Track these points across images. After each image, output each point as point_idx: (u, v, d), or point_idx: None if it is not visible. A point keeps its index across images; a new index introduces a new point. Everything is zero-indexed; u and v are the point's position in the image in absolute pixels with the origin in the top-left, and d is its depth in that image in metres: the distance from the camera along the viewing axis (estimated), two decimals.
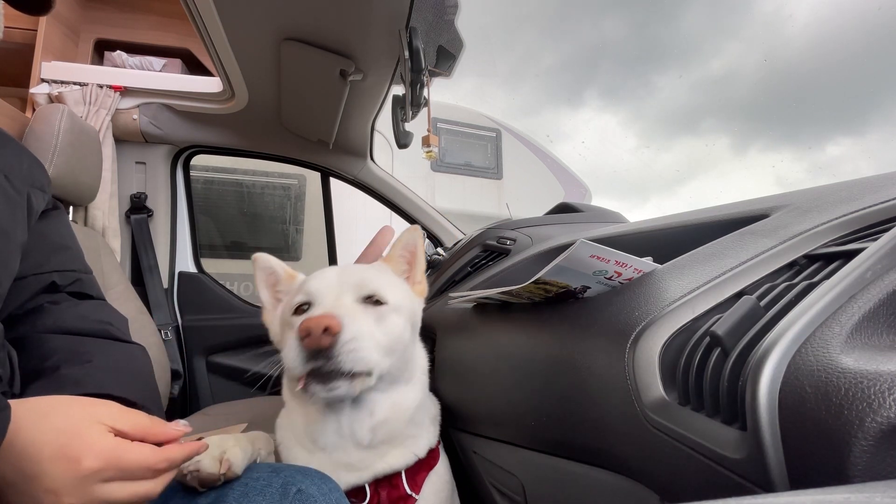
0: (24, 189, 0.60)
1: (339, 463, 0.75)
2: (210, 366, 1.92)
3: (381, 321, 0.73)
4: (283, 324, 0.80)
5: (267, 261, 0.88)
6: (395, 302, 0.76)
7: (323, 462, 0.74)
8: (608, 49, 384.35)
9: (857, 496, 0.19)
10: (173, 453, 0.48)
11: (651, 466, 0.46)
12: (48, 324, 0.59)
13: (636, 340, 0.47)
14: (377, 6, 1.15)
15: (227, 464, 0.56)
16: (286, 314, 0.79)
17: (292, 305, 0.77)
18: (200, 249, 2.06)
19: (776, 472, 0.32)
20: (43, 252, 0.65)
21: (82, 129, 1.43)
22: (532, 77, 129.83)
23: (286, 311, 0.79)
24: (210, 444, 0.57)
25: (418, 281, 0.89)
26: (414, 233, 0.88)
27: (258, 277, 0.88)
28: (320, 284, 0.76)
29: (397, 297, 0.78)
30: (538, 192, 4.87)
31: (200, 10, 1.19)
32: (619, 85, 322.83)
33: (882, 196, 0.49)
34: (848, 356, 0.31)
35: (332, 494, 0.59)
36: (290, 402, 0.83)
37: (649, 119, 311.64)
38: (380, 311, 0.74)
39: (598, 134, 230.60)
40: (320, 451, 0.76)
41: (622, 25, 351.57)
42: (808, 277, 0.42)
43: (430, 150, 1.49)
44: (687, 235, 0.68)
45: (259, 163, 2.50)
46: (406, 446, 0.80)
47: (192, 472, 0.55)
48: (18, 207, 0.58)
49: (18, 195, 0.59)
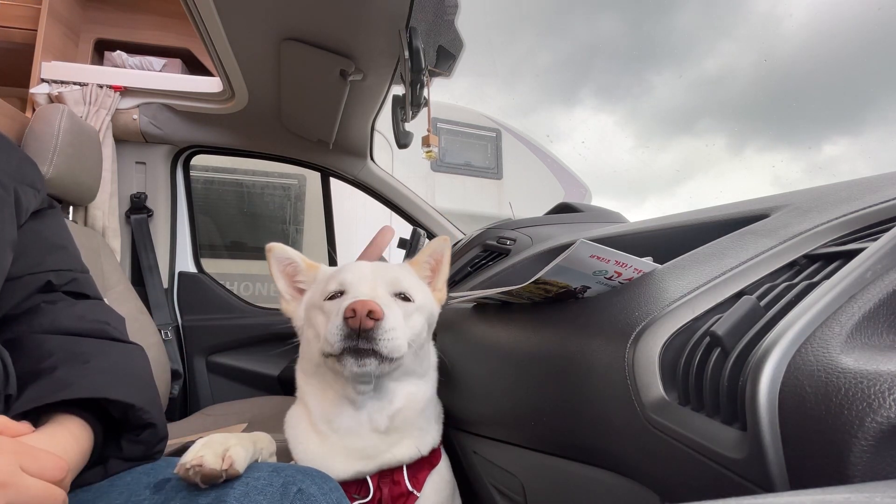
0: (10, 185, 0.60)
1: (351, 448, 0.78)
2: (210, 366, 1.92)
3: (409, 318, 0.80)
4: (311, 310, 0.84)
5: (283, 251, 0.91)
6: (420, 302, 0.83)
7: (335, 447, 0.78)
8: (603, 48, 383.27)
9: (857, 496, 0.19)
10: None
11: (651, 466, 0.46)
12: (45, 324, 0.59)
13: (636, 340, 0.47)
14: (377, 6, 1.15)
15: (230, 460, 0.56)
16: (316, 300, 0.83)
17: (326, 292, 0.81)
18: (200, 249, 2.06)
19: (776, 472, 0.32)
20: (38, 251, 0.64)
21: (82, 129, 1.43)
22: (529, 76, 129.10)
23: (316, 297, 0.84)
24: (213, 441, 0.57)
25: (439, 288, 0.92)
26: (444, 243, 0.92)
27: (273, 267, 0.91)
28: (356, 276, 0.81)
29: (421, 297, 0.84)
30: (538, 192, 4.87)
31: (200, 10, 1.19)
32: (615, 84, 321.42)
33: (882, 196, 0.49)
34: (848, 356, 0.31)
35: (333, 494, 0.59)
36: (304, 387, 0.85)
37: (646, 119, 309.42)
38: (407, 308, 0.80)
39: (595, 133, 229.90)
40: (334, 434, 0.79)
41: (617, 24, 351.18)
42: (808, 277, 0.42)
43: (430, 150, 1.49)
44: (687, 235, 0.68)
45: (259, 163, 2.50)
46: (415, 437, 0.83)
47: (195, 468, 0.54)
48: (5, 205, 0.58)
49: (5, 192, 0.58)
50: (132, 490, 0.55)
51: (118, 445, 0.57)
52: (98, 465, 0.56)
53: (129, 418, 0.56)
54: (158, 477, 0.57)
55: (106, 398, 0.53)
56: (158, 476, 0.57)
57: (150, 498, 0.54)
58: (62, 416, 0.52)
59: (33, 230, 0.64)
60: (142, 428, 0.57)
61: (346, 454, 0.78)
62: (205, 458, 0.55)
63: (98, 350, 0.59)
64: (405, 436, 0.82)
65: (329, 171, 2.05)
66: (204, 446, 0.57)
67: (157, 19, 1.97)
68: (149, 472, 0.58)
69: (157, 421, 0.58)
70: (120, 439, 0.57)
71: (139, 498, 0.54)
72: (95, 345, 0.60)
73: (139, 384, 0.59)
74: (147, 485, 0.56)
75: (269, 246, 0.90)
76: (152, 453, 0.59)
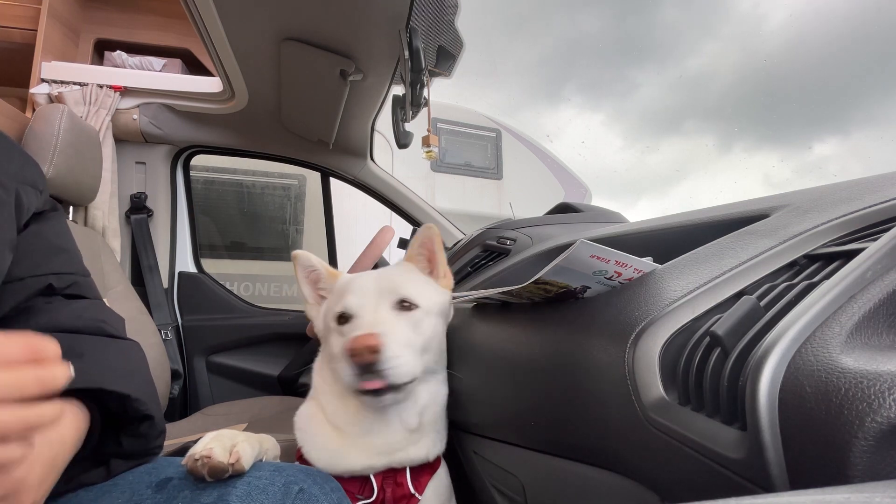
0: (11, 186, 0.60)
1: (372, 444, 0.79)
2: (210, 366, 1.92)
3: (417, 325, 0.80)
4: (327, 325, 0.86)
5: (308, 259, 0.92)
6: (427, 304, 0.82)
7: (355, 443, 0.79)
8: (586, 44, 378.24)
9: (857, 496, 0.19)
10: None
11: (651, 466, 0.46)
12: (41, 322, 0.59)
13: (636, 340, 0.47)
14: (377, 6, 1.15)
15: (237, 455, 0.57)
16: (329, 318, 0.84)
17: (335, 313, 0.82)
18: (200, 249, 2.06)
19: (776, 472, 0.32)
20: (40, 254, 0.64)
21: (82, 129, 1.43)
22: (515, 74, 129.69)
23: (329, 315, 0.85)
24: (222, 435, 0.59)
25: (442, 275, 0.91)
26: (428, 230, 0.91)
27: (299, 274, 0.92)
28: (358, 298, 0.81)
29: (427, 298, 0.83)
30: (538, 192, 4.87)
31: (200, 10, 1.19)
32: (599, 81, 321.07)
33: (882, 196, 0.49)
34: (848, 356, 0.31)
35: (334, 494, 0.59)
36: (323, 387, 0.86)
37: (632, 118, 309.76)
38: (414, 316, 0.80)
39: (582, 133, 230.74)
40: (356, 432, 0.80)
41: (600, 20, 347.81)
42: (808, 277, 0.42)
43: (430, 150, 1.49)
44: (687, 235, 0.68)
45: (259, 163, 2.50)
46: (432, 437, 0.84)
47: (204, 458, 0.55)
48: (4, 205, 0.58)
49: (6, 193, 0.58)
50: (134, 489, 0.55)
51: (118, 442, 0.57)
52: (100, 466, 0.56)
53: (127, 410, 0.55)
54: (161, 476, 0.57)
55: (101, 388, 0.53)
56: (161, 475, 0.57)
57: (153, 497, 0.54)
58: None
59: (36, 232, 0.64)
60: (139, 420, 0.57)
61: (365, 449, 0.79)
62: (214, 451, 0.56)
63: (94, 345, 0.59)
64: (425, 434, 0.83)
65: (329, 171, 2.05)
66: (213, 439, 0.58)
67: (157, 19, 1.97)
68: (150, 472, 0.58)
69: (154, 413, 0.58)
70: (119, 437, 0.57)
71: (141, 497, 0.54)
72: (92, 341, 0.60)
73: (136, 377, 0.59)
74: (149, 484, 0.56)
75: (295, 253, 0.92)
76: (151, 447, 0.59)
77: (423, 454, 0.82)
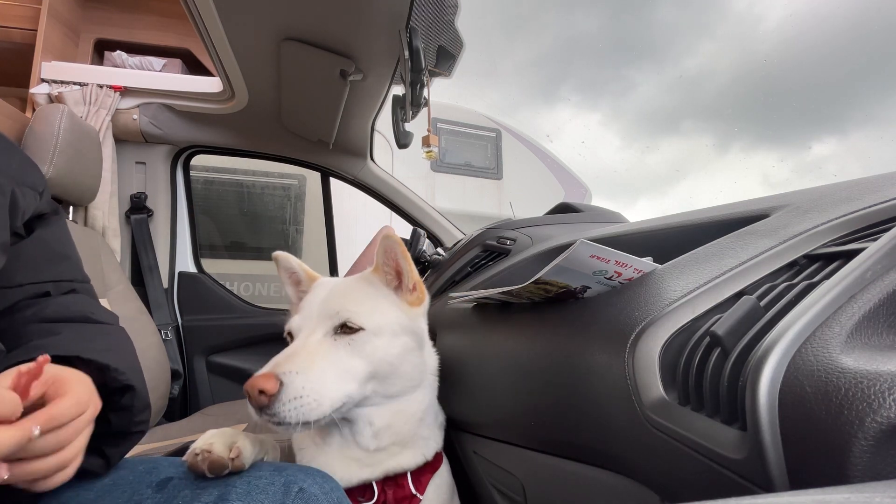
0: (7, 187, 0.60)
1: (350, 458, 0.78)
2: (210, 366, 1.92)
3: (360, 350, 0.74)
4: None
5: (287, 260, 0.91)
6: (374, 326, 0.75)
7: (334, 456, 0.78)
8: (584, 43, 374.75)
9: (857, 496, 0.19)
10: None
11: (651, 466, 0.46)
12: (27, 315, 0.59)
13: (636, 340, 0.47)
14: (377, 6, 1.15)
15: (238, 451, 0.58)
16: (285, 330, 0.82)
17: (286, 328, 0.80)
18: (200, 249, 2.06)
19: (776, 472, 0.32)
20: (42, 261, 0.64)
21: (82, 129, 1.43)
22: (513, 74, 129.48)
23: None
24: (223, 432, 0.59)
25: (410, 289, 0.83)
26: (387, 239, 0.80)
27: (281, 275, 0.91)
28: (301, 320, 0.77)
29: (377, 319, 0.76)
30: (538, 191, 4.87)
31: (200, 10, 1.19)
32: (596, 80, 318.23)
33: (882, 196, 0.49)
34: (848, 356, 0.31)
35: (334, 493, 0.59)
36: None
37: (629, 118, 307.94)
38: (356, 340, 0.74)
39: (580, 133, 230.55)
40: (329, 447, 0.79)
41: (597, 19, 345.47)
42: (808, 277, 0.42)
43: (430, 150, 1.49)
44: (687, 235, 0.68)
45: (259, 163, 2.50)
46: (417, 447, 0.82)
47: (204, 453, 0.56)
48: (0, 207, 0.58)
49: (1, 195, 0.59)
50: (135, 489, 0.55)
51: (106, 420, 0.56)
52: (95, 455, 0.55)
53: (107, 382, 0.55)
54: (161, 476, 0.57)
55: (78, 357, 0.52)
56: (161, 475, 0.57)
57: (153, 496, 0.54)
58: None
59: (39, 238, 0.65)
60: (121, 392, 0.56)
61: (348, 462, 0.78)
62: (214, 445, 0.56)
63: (73, 327, 0.59)
64: (407, 447, 0.81)
65: (329, 171, 2.05)
66: (214, 435, 0.59)
67: (157, 19, 1.98)
68: (151, 472, 0.58)
69: (135, 384, 0.56)
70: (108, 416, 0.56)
71: (141, 497, 0.54)
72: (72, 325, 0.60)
73: (117, 352, 0.58)
74: (149, 483, 0.56)
75: (276, 255, 0.91)
76: (136, 420, 0.58)
77: (419, 459, 0.81)
